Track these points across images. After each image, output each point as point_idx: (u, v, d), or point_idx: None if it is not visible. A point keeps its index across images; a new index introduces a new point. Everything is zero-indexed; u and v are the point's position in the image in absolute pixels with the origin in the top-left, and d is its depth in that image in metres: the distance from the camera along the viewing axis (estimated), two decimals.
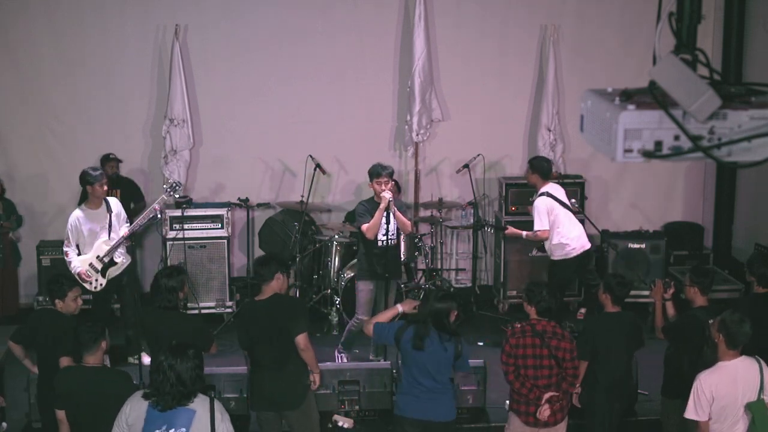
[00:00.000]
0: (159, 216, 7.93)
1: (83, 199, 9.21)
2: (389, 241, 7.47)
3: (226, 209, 8.99)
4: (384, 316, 5.83)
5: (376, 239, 7.47)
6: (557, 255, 8.04)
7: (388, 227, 7.41)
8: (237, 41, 9.60)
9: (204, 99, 9.64)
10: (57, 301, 6.09)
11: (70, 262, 7.56)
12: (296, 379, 5.74)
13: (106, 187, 7.69)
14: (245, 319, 5.94)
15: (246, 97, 9.67)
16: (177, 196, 8.42)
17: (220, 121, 9.72)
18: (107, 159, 9.15)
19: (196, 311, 8.50)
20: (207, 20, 9.53)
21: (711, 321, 5.39)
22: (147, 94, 9.58)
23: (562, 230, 7.93)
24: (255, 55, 9.63)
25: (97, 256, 7.56)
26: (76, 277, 7.33)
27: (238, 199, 9.26)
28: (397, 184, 9.40)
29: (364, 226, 7.42)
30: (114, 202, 7.74)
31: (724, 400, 5.09)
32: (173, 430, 4.49)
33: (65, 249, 7.63)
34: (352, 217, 9.33)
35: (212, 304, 8.93)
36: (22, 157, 9.56)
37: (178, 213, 8.74)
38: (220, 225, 8.93)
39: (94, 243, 7.56)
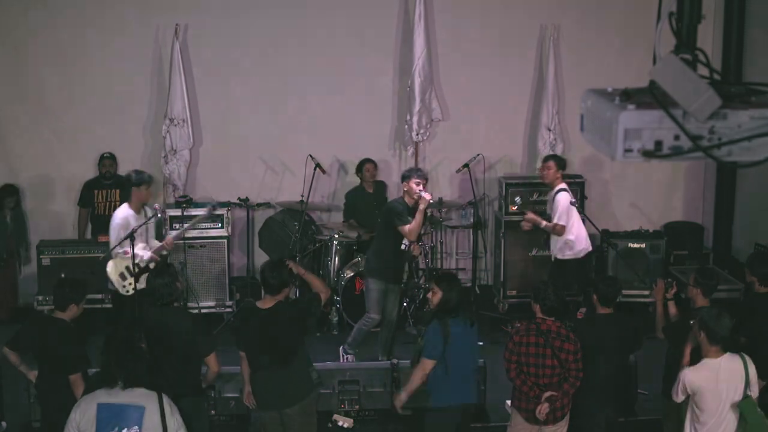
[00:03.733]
0: (159, 216, 7.90)
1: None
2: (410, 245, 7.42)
3: (226, 209, 8.98)
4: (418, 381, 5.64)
5: (401, 242, 7.35)
6: (567, 254, 8.00)
7: None
8: (237, 41, 9.59)
9: (204, 99, 9.63)
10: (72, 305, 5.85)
11: (137, 255, 7.08)
12: (301, 374, 5.65)
13: (151, 190, 7.51)
14: (247, 327, 5.69)
15: (246, 97, 9.67)
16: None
17: (220, 121, 9.71)
18: (102, 158, 9.19)
19: (196, 311, 8.47)
20: (207, 20, 9.52)
21: (692, 321, 5.40)
22: (147, 94, 9.58)
23: (575, 229, 7.91)
24: (255, 55, 9.63)
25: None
26: (148, 264, 7.06)
27: (238, 198, 9.26)
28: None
29: (407, 227, 7.21)
30: (150, 212, 7.49)
31: (708, 401, 5.15)
32: (126, 429, 4.43)
33: (118, 250, 7.14)
34: (349, 214, 9.33)
35: (212, 303, 8.92)
36: (22, 157, 9.55)
37: (178, 213, 8.73)
38: (220, 225, 8.92)
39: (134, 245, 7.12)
